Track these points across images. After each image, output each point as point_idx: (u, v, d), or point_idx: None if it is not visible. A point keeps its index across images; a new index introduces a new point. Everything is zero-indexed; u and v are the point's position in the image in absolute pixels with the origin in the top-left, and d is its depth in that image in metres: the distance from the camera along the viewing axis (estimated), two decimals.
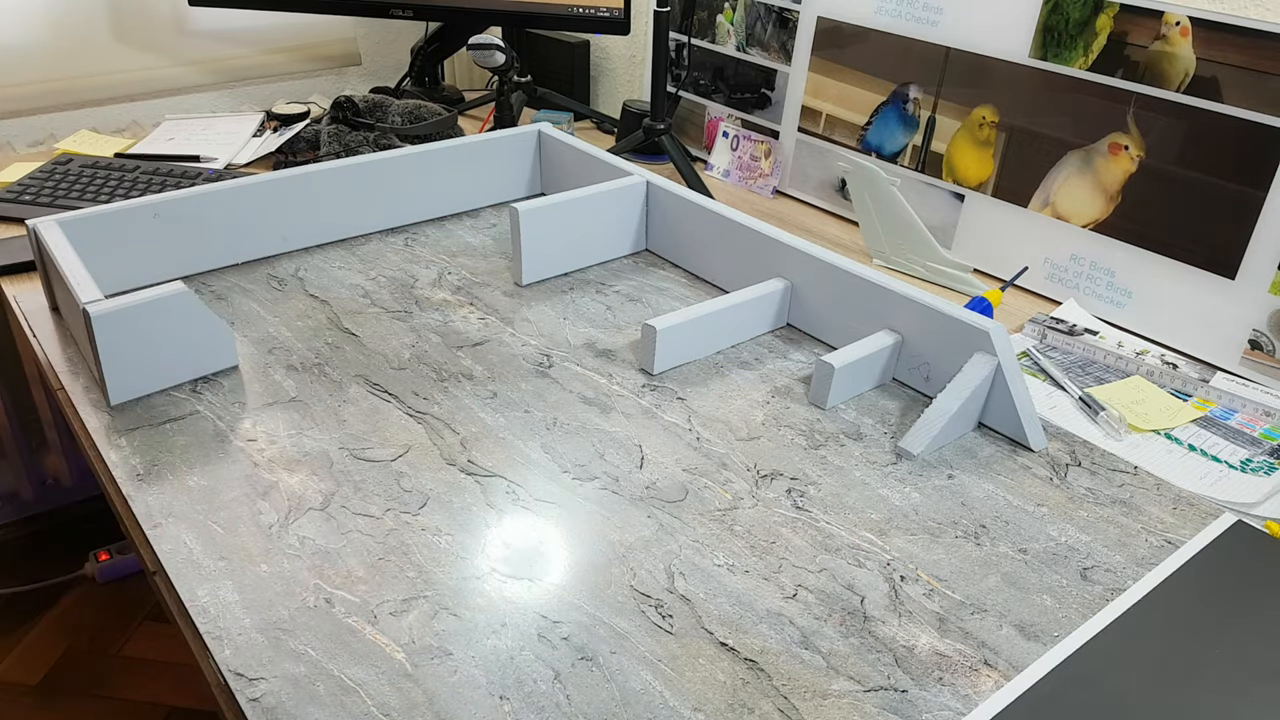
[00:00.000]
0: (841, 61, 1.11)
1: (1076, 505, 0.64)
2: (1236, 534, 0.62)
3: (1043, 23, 0.92)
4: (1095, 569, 0.58)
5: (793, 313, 0.83)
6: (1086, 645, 0.53)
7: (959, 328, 0.70)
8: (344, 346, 0.77)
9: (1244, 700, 0.51)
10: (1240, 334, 0.84)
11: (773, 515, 0.61)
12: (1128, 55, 0.87)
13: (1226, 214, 0.83)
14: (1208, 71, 0.82)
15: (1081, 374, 0.83)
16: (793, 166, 1.19)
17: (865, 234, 1.03)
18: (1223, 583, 0.58)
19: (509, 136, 1.02)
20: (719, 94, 1.27)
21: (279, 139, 1.26)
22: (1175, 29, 0.83)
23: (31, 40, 1.31)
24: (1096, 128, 0.90)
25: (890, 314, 0.75)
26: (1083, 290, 0.94)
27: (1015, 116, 0.96)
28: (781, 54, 1.17)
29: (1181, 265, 0.87)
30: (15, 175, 1.14)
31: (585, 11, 1.24)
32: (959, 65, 0.99)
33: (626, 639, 0.52)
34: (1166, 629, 0.55)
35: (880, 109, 1.08)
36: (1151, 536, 0.61)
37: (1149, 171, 0.87)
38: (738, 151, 1.24)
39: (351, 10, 1.32)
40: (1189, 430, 0.75)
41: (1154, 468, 0.70)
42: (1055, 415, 0.76)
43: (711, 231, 0.88)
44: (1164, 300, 0.89)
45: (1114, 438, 0.74)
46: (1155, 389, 0.81)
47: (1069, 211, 0.94)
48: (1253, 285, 0.82)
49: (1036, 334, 0.89)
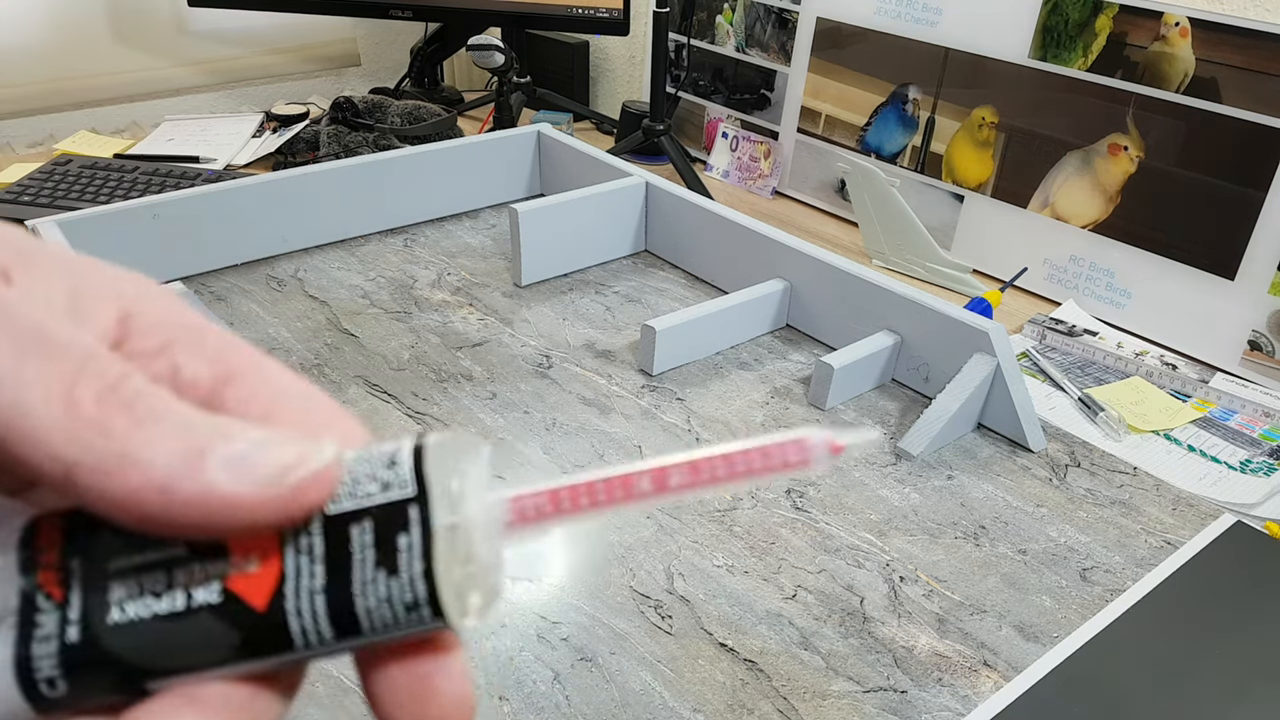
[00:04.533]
0: (841, 62, 1.11)
1: (1076, 506, 0.64)
2: (1236, 535, 0.62)
3: (1042, 23, 0.92)
4: (1094, 569, 0.58)
5: (792, 313, 0.83)
6: (1086, 646, 0.53)
7: (958, 328, 0.70)
8: (343, 347, 0.77)
9: (1244, 701, 0.51)
10: (1240, 335, 0.84)
11: (772, 516, 0.61)
12: (1127, 56, 0.87)
13: (1226, 215, 0.83)
14: (1207, 72, 0.82)
15: (1081, 375, 0.83)
16: (792, 167, 1.19)
17: (864, 235, 1.03)
18: (1222, 584, 0.58)
19: (508, 137, 1.02)
20: (718, 95, 1.27)
21: (278, 140, 1.26)
22: (1175, 29, 0.83)
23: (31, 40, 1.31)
24: (1096, 128, 0.90)
25: (889, 315, 0.75)
26: (1082, 291, 0.94)
27: (1015, 117, 0.96)
28: (781, 55, 1.17)
29: (1181, 266, 0.87)
30: (15, 176, 1.14)
31: (584, 12, 1.24)
32: (958, 66, 0.99)
33: (626, 640, 0.52)
34: (1166, 630, 0.55)
35: (880, 110, 1.08)
36: (1151, 537, 0.61)
37: (1148, 172, 0.87)
38: (737, 152, 1.24)
39: (351, 11, 1.32)
40: (1188, 431, 0.75)
41: (1153, 468, 0.70)
42: (1054, 416, 0.76)
43: (711, 232, 0.88)
44: (1163, 301, 0.89)
45: (1113, 438, 0.74)
46: (1154, 390, 0.81)
47: (1068, 212, 0.94)
48: (1252, 286, 0.82)
49: (1036, 335, 0.89)
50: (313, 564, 0.17)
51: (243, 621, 0.17)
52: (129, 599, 0.17)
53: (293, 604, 0.17)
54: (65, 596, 0.17)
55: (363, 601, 0.17)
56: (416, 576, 0.17)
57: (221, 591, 0.17)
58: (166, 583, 0.17)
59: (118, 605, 0.17)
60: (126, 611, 0.17)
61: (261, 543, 0.17)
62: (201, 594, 0.17)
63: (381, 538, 0.17)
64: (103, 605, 0.17)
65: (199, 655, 0.17)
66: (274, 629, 0.17)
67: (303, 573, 0.17)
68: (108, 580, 0.17)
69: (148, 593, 0.17)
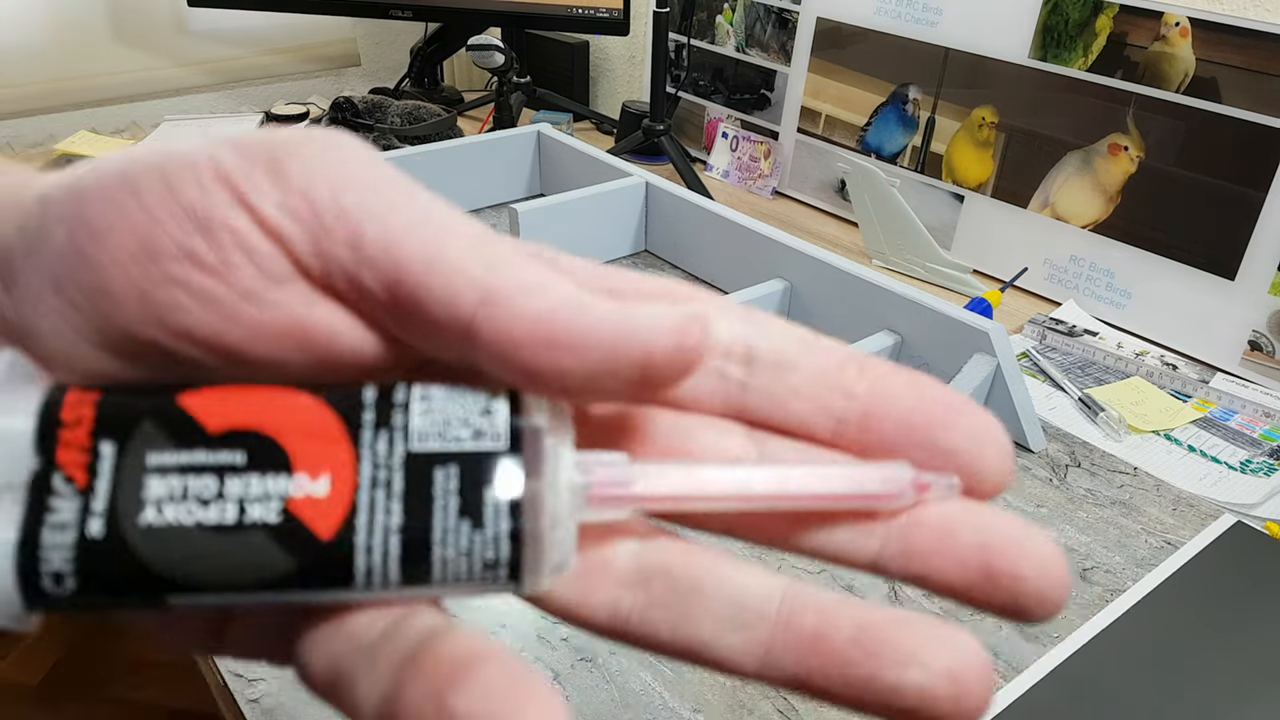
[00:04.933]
0: (841, 62, 1.11)
1: (1076, 506, 0.64)
2: (1236, 535, 0.62)
3: (1042, 23, 0.92)
4: (1095, 570, 0.58)
5: (792, 313, 0.83)
6: (1086, 646, 0.53)
7: (958, 328, 0.70)
8: None
9: (1245, 701, 0.51)
10: (1240, 335, 0.84)
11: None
12: (1127, 56, 0.87)
13: (1226, 215, 0.83)
14: (1207, 72, 0.82)
15: (1081, 375, 0.83)
16: (792, 167, 1.19)
17: (864, 235, 1.03)
18: (1222, 584, 0.58)
19: (508, 137, 1.02)
20: (718, 95, 1.27)
21: None
22: (1175, 29, 0.83)
23: (31, 40, 1.31)
24: (1096, 128, 0.90)
25: (890, 315, 0.75)
26: (1082, 291, 0.94)
27: (1015, 117, 0.96)
28: (781, 55, 1.17)
29: (1181, 266, 0.87)
30: None
31: (584, 12, 1.24)
32: (958, 66, 0.99)
33: None
34: (1166, 630, 0.55)
35: (880, 110, 1.08)
36: (1151, 537, 0.61)
37: (1149, 172, 0.87)
38: (737, 152, 1.24)
39: (351, 11, 1.32)
40: (1189, 431, 0.75)
41: (1153, 469, 0.70)
42: (1055, 416, 0.76)
43: (711, 232, 0.88)
44: (1164, 301, 0.89)
45: (1113, 439, 0.74)
46: (1155, 390, 0.81)
47: (1069, 212, 0.94)
48: (1252, 286, 0.82)
49: (1036, 335, 0.89)
50: (389, 500, 0.16)
51: (302, 549, 0.15)
52: (169, 500, 0.15)
53: (364, 539, 0.15)
54: (89, 483, 0.15)
55: (440, 550, 0.16)
56: (502, 535, 0.16)
57: (282, 512, 0.15)
58: (218, 490, 0.15)
59: (155, 505, 0.15)
60: (164, 514, 0.15)
61: (335, 463, 0.16)
62: (258, 510, 0.15)
63: (468, 486, 0.16)
64: (136, 502, 0.15)
65: (243, 577, 0.15)
66: (336, 563, 0.15)
67: (378, 507, 0.16)
68: (145, 474, 0.15)
69: (192, 498, 0.15)
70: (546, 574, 0.17)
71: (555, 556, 0.17)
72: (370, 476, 0.16)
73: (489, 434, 0.16)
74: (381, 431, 0.16)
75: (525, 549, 0.16)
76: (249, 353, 0.16)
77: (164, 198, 0.16)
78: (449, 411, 0.16)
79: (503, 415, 0.16)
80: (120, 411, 0.16)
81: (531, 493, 0.16)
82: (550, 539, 0.16)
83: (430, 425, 0.16)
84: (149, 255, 0.16)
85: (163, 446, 0.15)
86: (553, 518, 0.16)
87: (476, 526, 0.16)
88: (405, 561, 0.16)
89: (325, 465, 0.16)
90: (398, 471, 0.16)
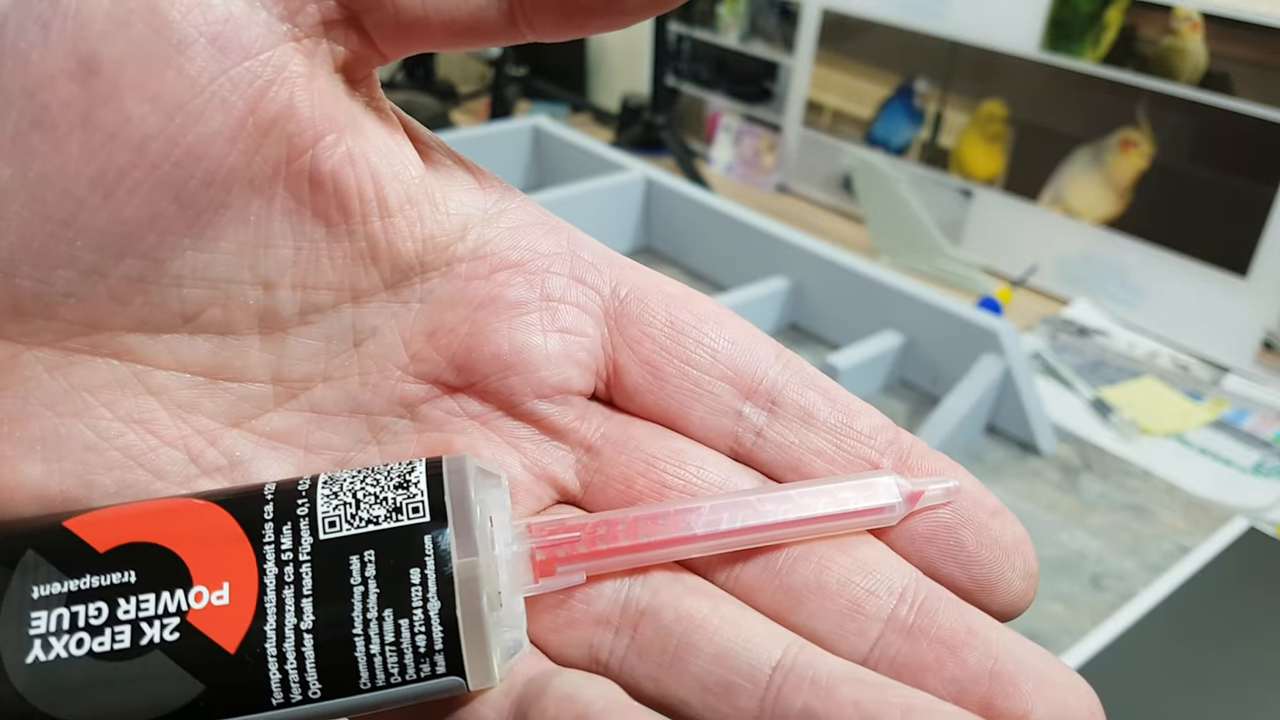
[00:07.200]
0: (846, 54, 1.09)
1: (1087, 510, 0.63)
2: (1249, 539, 0.61)
3: (1052, 16, 0.90)
4: (1106, 575, 0.57)
5: (796, 311, 0.82)
6: (1098, 654, 0.52)
7: (967, 328, 0.69)
8: None
9: (1257, 708, 0.50)
10: (1254, 335, 0.82)
11: None
12: (1138, 50, 0.85)
13: (1239, 211, 0.82)
14: (1219, 67, 0.81)
15: (1092, 375, 0.81)
16: (796, 161, 1.18)
17: (871, 231, 1.02)
18: (1235, 588, 0.57)
19: (505, 130, 1.01)
20: (720, 87, 1.25)
21: None
22: (1186, 23, 0.82)
23: None
24: (1107, 123, 0.89)
25: (897, 313, 0.73)
26: (1094, 289, 0.93)
27: (1024, 111, 0.95)
28: (784, 46, 1.15)
29: (1194, 263, 0.85)
30: None
31: None
32: (967, 58, 0.98)
33: None
34: (1178, 636, 0.54)
35: (886, 103, 1.06)
36: (1163, 542, 0.60)
37: (1160, 168, 0.86)
38: (739, 146, 1.22)
39: None
40: (1201, 433, 0.74)
41: (1166, 471, 0.69)
42: (1066, 418, 0.75)
43: (713, 228, 0.86)
44: (1176, 299, 0.87)
45: (1125, 441, 0.72)
46: (1167, 391, 0.79)
47: (1079, 208, 0.92)
48: (1266, 284, 0.81)
49: (1047, 334, 0.87)
50: (299, 598, 0.14)
51: (208, 666, 0.14)
52: (57, 633, 0.14)
53: (274, 646, 0.14)
54: None
55: (364, 646, 0.14)
56: (433, 619, 0.14)
57: (180, 627, 0.14)
58: (109, 614, 0.14)
59: (41, 640, 0.14)
60: (54, 648, 0.14)
61: (233, 565, 0.14)
62: (155, 629, 0.14)
63: (387, 570, 0.14)
64: (23, 640, 0.14)
65: (146, 707, 0.14)
66: (247, 677, 0.14)
67: (286, 608, 0.14)
68: (30, 609, 0.14)
69: (82, 626, 0.14)
70: (497, 661, 0.15)
71: (505, 638, 0.15)
72: (275, 575, 0.14)
73: (407, 508, 0.15)
74: (285, 525, 0.15)
75: (464, 633, 0.14)
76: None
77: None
78: (359, 490, 0.15)
79: (421, 485, 0.15)
80: (1, 545, 0.14)
81: (463, 568, 0.14)
82: (492, 619, 0.15)
83: (339, 508, 0.15)
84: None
85: (48, 576, 0.14)
86: (491, 595, 0.15)
87: (402, 615, 0.14)
88: (324, 666, 0.14)
89: (224, 570, 0.14)
90: (305, 565, 0.14)
